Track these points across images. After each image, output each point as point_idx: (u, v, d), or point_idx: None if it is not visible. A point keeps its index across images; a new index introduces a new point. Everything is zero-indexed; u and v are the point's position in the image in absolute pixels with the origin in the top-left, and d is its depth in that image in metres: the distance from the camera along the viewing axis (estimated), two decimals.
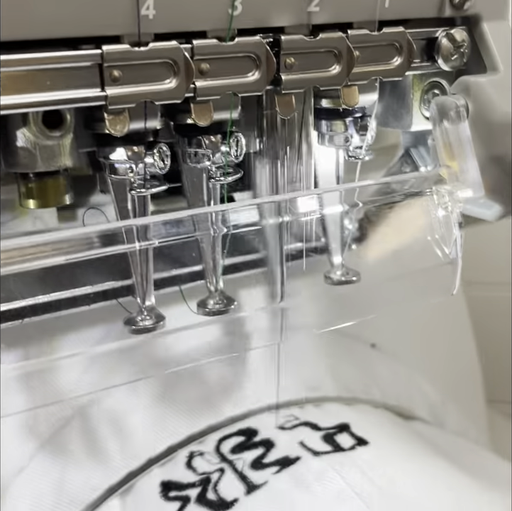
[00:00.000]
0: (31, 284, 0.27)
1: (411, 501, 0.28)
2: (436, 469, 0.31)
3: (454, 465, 0.32)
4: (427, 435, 0.35)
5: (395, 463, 0.30)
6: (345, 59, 0.25)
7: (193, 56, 0.22)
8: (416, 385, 0.39)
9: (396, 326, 0.40)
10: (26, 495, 0.31)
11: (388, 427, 0.34)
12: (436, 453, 0.33)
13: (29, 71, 0.20)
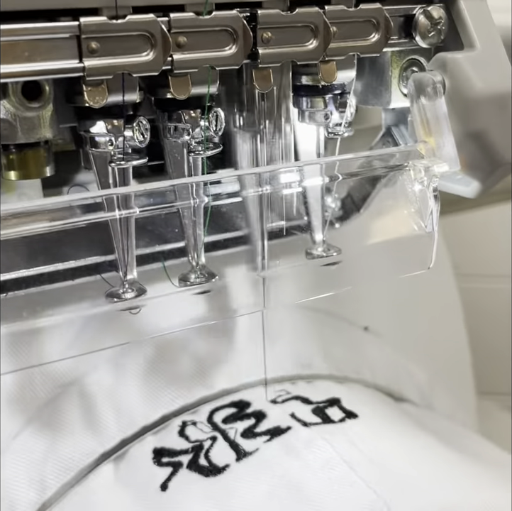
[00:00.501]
0: (15, 258, 0.27)
1: (397, 469, 0.29)
2: (422, 443, 0.32)
3: (439, 442, 0.32)
4: (415, 415, 0.36)
5: (383, 435, 0.31)
6: (322, 34, 0.25)
7: (170, 29, 0.23)
8: (406, 367, 0.40)
9: (388, 310, 0.40)
10: (22, 460, 0.32)
11: (378, 404, 0.35)
12: (422, 430, 0.34)
13: (7, 41, 0.21)
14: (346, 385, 0.35)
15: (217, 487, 0.29)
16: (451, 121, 0.27)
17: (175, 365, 0.34)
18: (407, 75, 0.28)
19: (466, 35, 0.27)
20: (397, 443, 0.31)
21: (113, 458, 0.33)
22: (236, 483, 0.29)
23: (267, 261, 0.28)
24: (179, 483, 0.30)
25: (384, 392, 0.37)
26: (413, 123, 0.28)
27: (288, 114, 0.28)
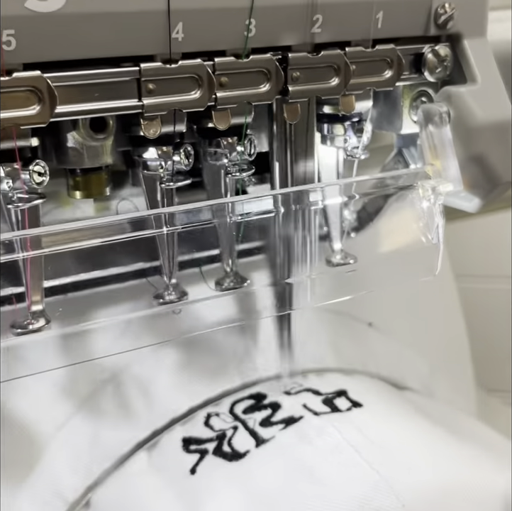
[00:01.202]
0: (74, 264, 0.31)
1: (398, 452, 0.32)
2: (422, 427, 0.35)
3: (438, 426, 0.36)
4: (416, 402, 0.39)
5: (386, 421, 0.34)
6: (343, 72, 0.29)
7: (214, 71, 0.27)
8: (408, 359, 0.43)
9: (391, 307, 0.44)
10: (67, 448, 0.35)
11: (382, 393, 0.38)
12: (423, 415, 0.37)
13: (80, 85, 0.25)
14: (352, 377, 0.39)
15: (239, 470, 0.33)
16: (455, 146, 0.31)
17: (200, 362, 0.37)
18: (417, 105, 0.32)
19: (469, 71, 0.31)
20: (399, 428, 0.34)
21: (146, 447, 0.36)
22: (256, 467, 0.33)
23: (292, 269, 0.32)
24: (206, 467, 0.33)
25: (388, 382, 0.41)
26: (421, 146, 0.32)
27: (312, 138, 0.32)
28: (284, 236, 0.32)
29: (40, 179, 0.26)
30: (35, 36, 0.23)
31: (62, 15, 0.23)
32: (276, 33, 0.27)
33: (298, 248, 0.33)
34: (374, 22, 0.29)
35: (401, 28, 0.30)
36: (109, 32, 0.24)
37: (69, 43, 0.24)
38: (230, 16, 0.26)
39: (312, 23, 0.28)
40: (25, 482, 0.35)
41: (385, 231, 0.35)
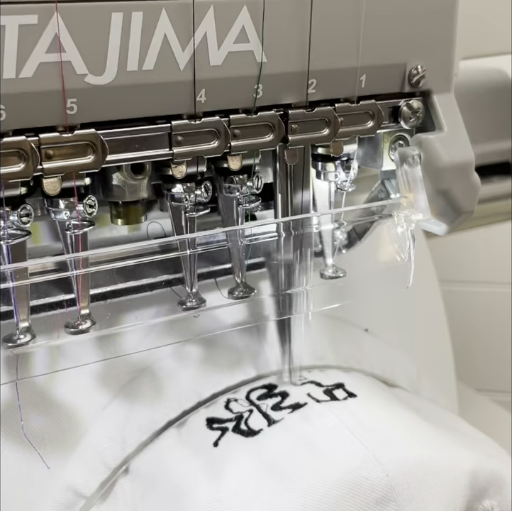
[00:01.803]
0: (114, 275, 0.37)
1: (384, 433, 0.38)
2: (406, 415, 0.41)
3: (421, 416, 0.42)
4: (404, 397, 0.46)
5: (376, 409, 0.40)
6: (333, 124, 0.35)
7: (229, 125, 0.33)
8: (398, 360, 0.49)
9: (383, 314, 0.50)
10: (110, 425, 0.41)
11: (374, 388, 0.44)
12: (409, 407, 0.43)
13: (125, 139, 0.31)
14: (349, 373, 0.44)
15: (253, 444, 0.39)
16: (424, 183, 0.37)
17: (221, 356, 0.43)
18: (395, 147, 0.38)
19: (437, 121, 0.37)
20: (387, 414, 0.40)
21: (176, 425, 0.42)
22: (267, 441, 0.39)
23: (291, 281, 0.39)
24: (226, 442, 0.40)
25: (380, 379, 0.46)
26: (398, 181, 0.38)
27: (308, 174, 0.38)
28: (285, 254, 0.38)
29: (91, 210, 0.32)
30: (92, 102, 0.30)
31: (112, 86, 0.30)
32: (279, 94, 0.34)
33: (297, 263, 0.39)
34: (359, 83, 0.35)
35: (381, 86, 0.36)
36: (148, 97, 0.31)
37: (117, 107, 0.31)
38: (242, 83, 0.33)
39: (307, 85, 0.34)
40: (74, 452, 0.41)
41: (369, 250, 0.41)
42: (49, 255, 0.36)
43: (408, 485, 0.35)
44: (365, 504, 0.34)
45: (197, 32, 0.31)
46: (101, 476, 0.41)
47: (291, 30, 0.33)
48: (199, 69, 0.31)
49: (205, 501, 0.36)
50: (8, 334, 0.33)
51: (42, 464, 0.41)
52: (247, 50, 0.32)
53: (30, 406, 0.40)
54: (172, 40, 0.30)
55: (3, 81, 0.28)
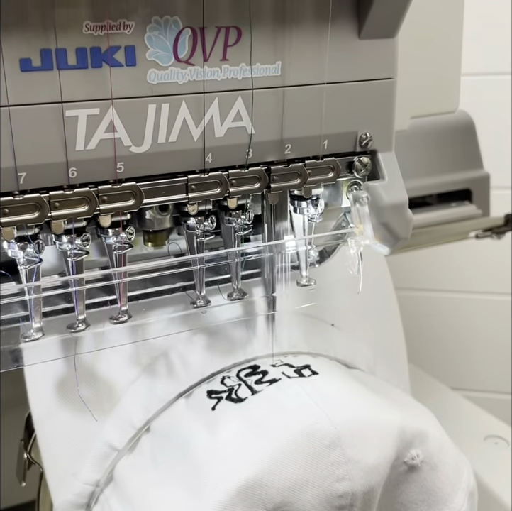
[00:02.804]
0: (144, 282, 0.50)
1: (337, 399, 0.50)
2: (359, 387, 0.53)
3: (370, 389, 0.54)
4: (359, 376, 0.58)
5: (333, 382, 0.52)
6: (303, 175, 0.48)
7: (228, 177, 0.46)
8: (358, 348, 0.60)
9: (347, 313, 0.62)
10: (136, 395, 0.52)
11: (334, 368, 0.55)
12: (359, 382, 0.55)
13: (154, 188, 0.44)
14: (317, 358, 0.54)
15: (240, 408, 0.49)
16: (371, 217, 0.50)
17: (219, 344, 0.53)
18: (351, 190, 0.51)
19: (380, 172, 0.50)
20: (339, 385, 0.52)
21: (184, 396, 0.52)
22: (251, 405, 0.49)
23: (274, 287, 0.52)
24: (221, 407, 0.50)
25: (342, 363, 0.56)
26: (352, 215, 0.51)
27: (286, 209, 0.51)
28: (270, 267, 0.51)
29: (130, 236, 0.45)
30: (134, 164, 0.43)
31: (148, 153, 0.43)
32: (264, 155, 0.47)
33: (279, 274, 0.52)
34: (322, 146, 0.48)
35: (339, 148, 0.49)
36: (171, 160, 0.44)
37: (151, 167, 0.43)
38: (238, 148, 0.45)
39: (285, 148, 0.47)
40: (110, 416, 0.52)
41: (334, 265, 0.54)
42: (98, 267, 0.49)
43: (351, 436, 0.47)
44: (318, 448, 0.46)
45: (206, 115, 0.43)
46: (129, 434, 0.52)
47: (272, 111, 0.45)
48: (207, 140, 0.44)
49: (205, 449, 0.48)
50: (70, 323, 0.46)
51: (87, 423, 0.53)
52: (241, 126, 0.45)
53: (80, 378, 0.53)
54: (189, 121, 0.43)
55: (76, 151, 0.41)
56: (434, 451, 0.50)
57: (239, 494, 0.44)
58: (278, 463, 0.45)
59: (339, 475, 0.46)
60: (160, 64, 0.41)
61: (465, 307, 1.45)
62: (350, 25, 0.46)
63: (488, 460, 0.84)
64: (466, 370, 1.46)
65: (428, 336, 1.45)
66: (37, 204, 0.40)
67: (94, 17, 0.39)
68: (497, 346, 1.45)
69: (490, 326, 1.44)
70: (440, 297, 1.44)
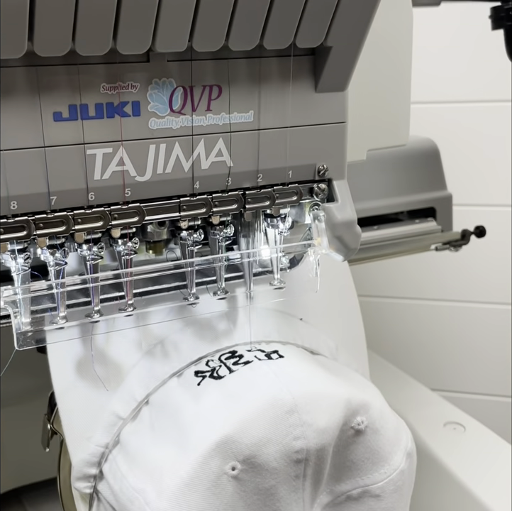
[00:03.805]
0: (144, 282, 0.62)
1: (298, 376, 0.61)
2: (314, 367, 0.63)
3: (327, 370, 0.65)
4: (320, 360, 0.69)
5: (296, 363, 0.63)
6: (272, 199, 0.59)
7: (212, 199, 0.57)
8: (322, 338, 0.71)
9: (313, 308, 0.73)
10: (138, 375, 0.63)
11: (299, 353, 0.66)
12: (319, 364, 0.66)
13: (155, 208, 0.56)
14: (285, 345, 0.63)
15: (220, 383, 0.59)
16: (326, 231, 0.61)
17: (205, 333, 0.63)
18: (312, 209, 0.62)
19: (335, 196, 0.61)
20: (302, 366, 0.62)
21: (176, 375, 0.61)
22: (228, 381, 0.59)
23: (251, 287, 0.63)
24: (205, 383, 0.59)
25: (308, 350, 0.67)
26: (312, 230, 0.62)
27: (260, 224, 0.63)
28: (248, 271, 0.63)
29: (136, 246, 0.57)
30: (138, 190, 0.54)
31: (149, 181, 0.54)
32: (240, 182, 0.58)
33: (255, 277, 0.63)
34: (287, 175, 0.60)
35: (301, 176, 0.60)
36: (167, 186, 0.55)
37: (151, 192, 0.55)
38: (219, 177, 0.57)
39: (257, 177, 0.59)
40: (117, 391, 0.64)
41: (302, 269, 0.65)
42: (110, 269, 0.61)
43: (306, 404, 0.58)
44: (279, 413, 0.57)
45: (194, 152, 0.55)
46: (132, 406, 0.61)
47: (247, 149, 0.57)
48: (196, 171, 0.56)
49: (191, 415, 0.58)
50: (88, 313, 0.58)
51: (99, 396, 0.65)
52: (222, 160, 0.56)
53: (94, 358, 0.64)
54: (181, 157, 0.55)
55: (94, 180, 0.52)
56: (376, 418, 0.61)
57: (216, 448, 0.56)
58: (247, 425, 0.56)
59: (296, 434, 0.57)
60: (159, 114, 0.53)
61: (464, 316, 1.58)
62: (308, 82, 0.57)
63: (446, 443, 0.95)
64: (464, 373, 1.58)
65: (430, 342, 1.57)
66: (64, 220, 0.52)
67: (109, 80, 0.51)
68: (493, 351, 1.57)
69: (486, 333, 1.57)
70: (439, 305, 1.57)
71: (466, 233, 0.96)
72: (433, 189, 1.02)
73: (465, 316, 1.59)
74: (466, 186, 1.43)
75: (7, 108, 0.48)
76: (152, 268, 0.58)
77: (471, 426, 0.98)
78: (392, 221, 1.00)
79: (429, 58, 1.37)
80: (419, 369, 1.51)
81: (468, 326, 1.56)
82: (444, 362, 1.58)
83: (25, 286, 0.52)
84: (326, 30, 0.53)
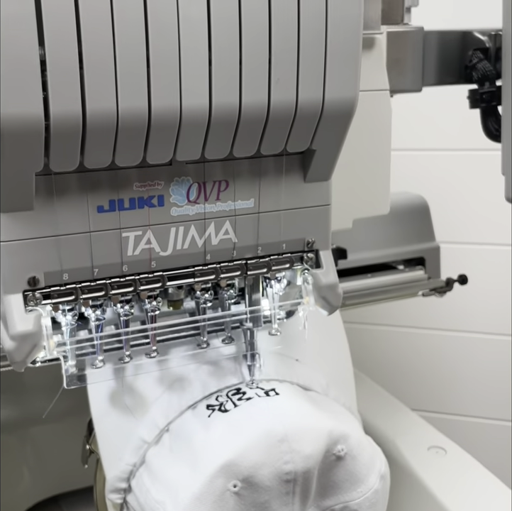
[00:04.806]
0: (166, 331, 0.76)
1: (289, 410, 0.72)
2: (304, 403, 0.76)
3: (315, 404, 0.78)
4: (312, 395, 0.81)
5: (289, 400, 0.75)
6: (269, 266, 0.73)
7: (220, 268, 0.71)
8: (315, 376, 0.81)
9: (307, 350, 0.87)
10: (158, 407, 0.76)
11: (293, 390, 0.76)
12: (313, 401, 0.79)
13: (173, 276, 0.70)
14: (282, 383, 0.72)
15: (226, 416, 0.70)
16: (314, 292, 0.74)
17: (216, 372, 0.73)
18: (302, 273, 0.76)
19: (321, 263, 0.75)
20: (294, 403, 0.73)
21: (191, 408, 0.70)
22: (233, 414, 0.68)
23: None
24: (214, 415, 0.69)
25: (302, 387, 0.74)
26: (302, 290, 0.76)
27: (260, 285, 0.76)
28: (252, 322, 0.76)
29: (159, 304, 0.71)
30: (161, 262, 0.68)
31: (171, 255, 0.68)
32: (243, 254, 0.72)
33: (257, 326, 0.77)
34: (281, 247, 0.73)
35: (293, 248, 0.73)
36: (185, 258, 0.69)
37: (173, 263, 0.69)
38: (227, 251, 0.71)
39: (257, 250, 0.72)
40: (142, 419, 0.76)
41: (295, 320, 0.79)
42: (139, 321, 0.75)
43: (295, 434, 0.70)
44: (273, 442, 0.68)
45: (206, 232, 0.69)
46: (155, 432, 0.71)
47: (249, 228, 0.71)
48: (207, 246, 0.70)
49: (201, 442, 0.68)
50: (120, 357, 0.72)
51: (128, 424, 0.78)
52: (228, 238, 0.70)
53: (125, 392, 0.78)
54: (196, 236, 0.69)
55: (127, 256, 0.67)
56: (354, 446, 0.74)
57: (221, 469, 0.69)
58: (246, 451, 0.69)
59: (286, 459, 0.70)
60: (178, 204, 0.67)
61: (463, 345, 1.70)
62: (298, 174, 0.71)
63: (430, 466, 1.07)
64: (464, 396, 1.70)
65: (426, 369, 1.70)
66: (103, 287, 0.66)
67: (140, 180, 0.65)
68: (490, 378, 1.70)
69: (483, 362, 1.69)
70: (433, 334, 1.71)
71: (449, 281, 1.09)
72: (423, 241, 1.15)
73: (464, 346, 1.71)
74: (467, 225, 1.56)
75: (62, 203, 0.62)
76: (172, 323, 0.72)
77: (451, 450, 1.10)
78: (386, 267, 1.14)
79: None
80: (415, 394, 1.64)
81: (464, 356, 1.68)
82: (438, 386, 1.71)
83: (73, 339, 0.66)
84: (310, 139, 0.67)
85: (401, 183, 1.39)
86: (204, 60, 0.58)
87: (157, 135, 0.59)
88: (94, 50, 0.55)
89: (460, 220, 1.58)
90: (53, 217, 0.62)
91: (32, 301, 0.63)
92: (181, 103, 0.58)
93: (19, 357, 0.62)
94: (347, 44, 0.63)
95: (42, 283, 0.63)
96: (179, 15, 0.56)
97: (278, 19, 0.59)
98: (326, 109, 0.64)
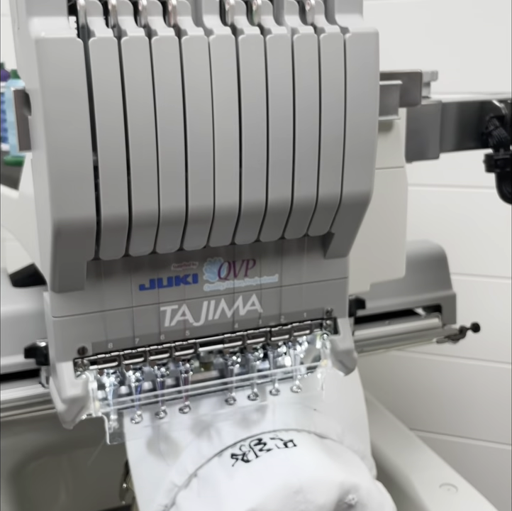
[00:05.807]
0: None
1: (305, 462, 0.80)
2: (320, 454, 0.84)
3: (330, 454, 0.85)
4: (328, 444, 0.88)
5: (306, 452, 0.83)
6: (291, 332, 0.80)
7: (247, 335, 0.79)
8: (331, 424, 0.89)
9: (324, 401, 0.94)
10: (187, 455, 0.86)
11: (310, 440, 0.83)
12: (329, 450, 0.87)
13: (228, 341, 0.78)
14: (300, 433, 0.78)
15: (249, 466, 0.77)
16: (331, 356, 0.81)
17: (239, 423, 0.79)
18: (322, 338, 0.83)
19: (338, 330, 0.82)
20: (310, 455, 0.81)
21: (217, 455, 0.77)
22: (255, 464, 0.75)
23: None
24: (238, 464, 0.78)
25: (318, 435, 0.81)
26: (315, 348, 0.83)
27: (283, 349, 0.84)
28: (274, 380, 0.84)
29: (192, 366, 0.78)
30: (195, 331, 0.76)
31: (203, 325, 0.76)
32: (268, 322, 0.79)
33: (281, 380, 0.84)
34: (303, 315, 0.81)
35: (313, 316, 0.81)
36: (215, 327, 0.77)
37: (204, 332, 0.77)
38: (253, 320, 0.78)
39: (280, 318, 0.79)
40: (174, 465, 0.85)
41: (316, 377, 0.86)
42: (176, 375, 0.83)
43: (309, 486, 0.77)
44: (289, 493, 0.75)
45: (235, 304, 0.77)
46: (185, 477, 0.78)
47: (273, 300, 0.78)
48: (235, 317, 0.77)
49: (226, 489, 0.77)
50: (156, 411, 0.80)
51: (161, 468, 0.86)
52: (254, 309, 0.77)
53: (159, 440, 0.86)
54: (225, 308, 0.76)
55: (165, 326, 0.75)
56: (364, 495, 0.81)
57: None
58: (266, 500, 0.76)
59: (301, 509, 0.77)
60: (210, 281, 0.75)
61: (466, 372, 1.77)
62: (318, 252, 0.78)
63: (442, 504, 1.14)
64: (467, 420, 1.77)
65: (434, 394, 1.76)
66: (143, 353, 0.75)
67: (177, 261, 0.73)
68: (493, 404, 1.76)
69: (486, 389, 1.76)
70: (442, 361, 1.77)
71: (463, 329, 1.15)
72: (440, 289, 1.22)
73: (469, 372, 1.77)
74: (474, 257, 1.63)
75: (109, 283, 0.71)
76: (203, 385, 0.80)
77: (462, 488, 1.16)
78: (406, 311, 1.20)
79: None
80: (416, 414, 1.71)
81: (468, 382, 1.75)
82: (439, 408, 1.78)
83: (116, 400, 0.75)
84: (329, 225, 0.74)
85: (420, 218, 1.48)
86: (235, 164, 0.66)
87: (193, 229, 0.67)
88: (140, 157, 0.63)
89: (463, 252, 1.66)
90: (100, 295, 0.70)
91: (81, 367, 0.71)
92: (215, 202, 0.66)
93: (69, 418, 0.71)
94: (363, 145, 0.70)
95: (90, 352, 0.72)
96: (214, 127, 0.64)
97: (302, 128, 0.66)
98: (344, 201, 0.71)
